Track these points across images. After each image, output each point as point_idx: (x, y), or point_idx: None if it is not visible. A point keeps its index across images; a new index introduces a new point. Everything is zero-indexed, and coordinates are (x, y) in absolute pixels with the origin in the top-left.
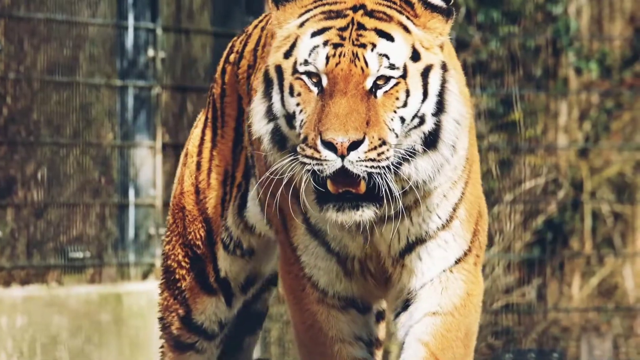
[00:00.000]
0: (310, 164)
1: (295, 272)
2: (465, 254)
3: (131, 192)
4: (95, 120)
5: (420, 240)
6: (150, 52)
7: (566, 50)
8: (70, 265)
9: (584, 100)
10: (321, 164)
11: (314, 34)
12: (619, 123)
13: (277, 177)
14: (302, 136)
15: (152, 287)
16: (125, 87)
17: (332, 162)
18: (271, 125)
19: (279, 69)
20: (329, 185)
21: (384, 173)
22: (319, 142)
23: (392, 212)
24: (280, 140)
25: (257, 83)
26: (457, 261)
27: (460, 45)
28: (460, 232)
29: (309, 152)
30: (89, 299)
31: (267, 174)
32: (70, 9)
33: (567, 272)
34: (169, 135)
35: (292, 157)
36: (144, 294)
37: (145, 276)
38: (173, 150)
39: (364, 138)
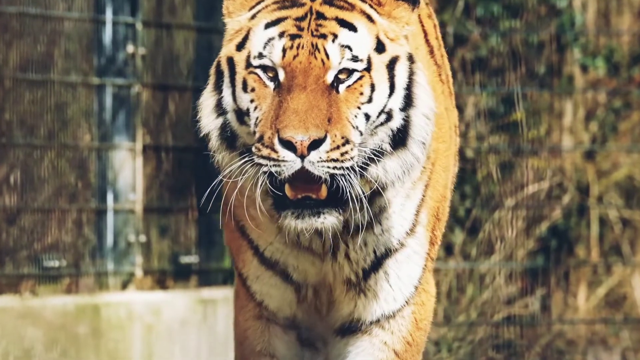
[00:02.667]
0: (266, 165)
1: (241, 296)
2: (423, 270)
3: (110, 197)
4: (72, 121)
5: (389, 252)
6: (130, 48)
7: (571, 46)
8: (44, 274)
9: (590, 99)
10: (279, 165)
11: (268, 25)
12: (628, 123)
13: (232, 179)
14: (257, 135)
15: (132, 297)
16: (103, 85)
17: (290, 163)
18: (220, 120)
19: (230, 61)
20: (287, 191)
21: (348, 175)
22: (276, 140)
23: (359, 219)
24: (229, 137)
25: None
26: (419, 282)
27: (459, 40)
28: (423, 241)
29: (265, 152)
30: (65, 310)
31: (220, 177)
32: (44, 3)
33: (572, 282)
34: (150, 136)
35: (246, 159)
36: (123, 304)
37: (124, 286)
38: (154, 152)
39: (325, 136)
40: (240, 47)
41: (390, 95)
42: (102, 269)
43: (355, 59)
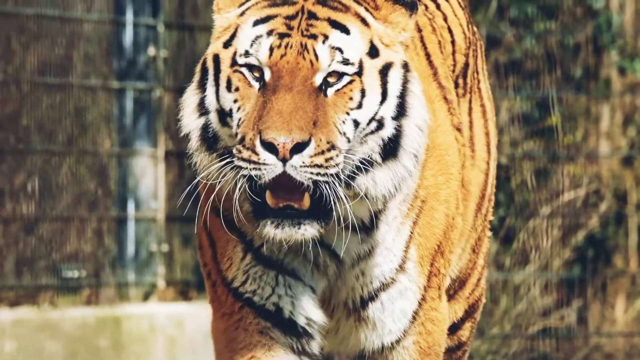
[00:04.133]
0: (246, 168)
1: (227, 307)
2: (420, 304)
3: (131, 205)
4: (91, 126)
5: (383, 285)
6: (151, 51)
7: (608, 48)
8: (64, 285)
9: (628, 103)
10: (259, 169)
11: (256, 23)
12: None
13: (210, 181)
14: (239, 136)
15: (154, 309)
16: (123, 89)
17: (271, 167)
18: (202, 120)
19: (216, 59)
20: (268, 198)
21: (332, 182)
22: (257, 142)
23: (366, 245)
24: (210, 139)
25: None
26: (414, 316)
27: (492, 43)
28: (415, 277)
29: (245, 154)
30: (84, 322)
31: (199, 178)
32: (63, 4)
33: (610, 293)
34: (172, 142)
35: (226, 160)
36: (145, 317)
37: (146, 297)
38: (176, 159)
39: (309, 140)
40: (227, 44)
41: (382, 102)
42: (123, 280)
43: (345, 62)
